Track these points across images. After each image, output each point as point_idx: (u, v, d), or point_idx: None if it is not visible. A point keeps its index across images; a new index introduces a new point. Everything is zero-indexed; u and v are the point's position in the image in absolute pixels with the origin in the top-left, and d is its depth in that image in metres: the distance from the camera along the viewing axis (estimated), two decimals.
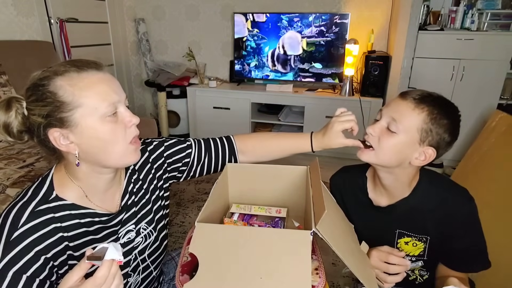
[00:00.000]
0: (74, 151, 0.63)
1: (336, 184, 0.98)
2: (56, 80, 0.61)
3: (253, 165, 0.96)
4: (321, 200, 0.68)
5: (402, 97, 0.77)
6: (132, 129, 0.67)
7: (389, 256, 0.72)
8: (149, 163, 0.85)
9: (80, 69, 0.62)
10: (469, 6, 2.57)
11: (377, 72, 2.70)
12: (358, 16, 2.90)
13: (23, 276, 0.59)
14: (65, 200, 0.66)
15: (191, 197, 2.28)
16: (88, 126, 0.62)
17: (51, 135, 0.62)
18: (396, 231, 0.87)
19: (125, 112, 0.66)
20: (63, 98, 0.60)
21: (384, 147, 0.77)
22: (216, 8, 3.24)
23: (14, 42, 2.18)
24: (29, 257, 0.60)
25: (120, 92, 0.66)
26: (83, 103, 0.61)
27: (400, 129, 0.74)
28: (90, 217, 0.69)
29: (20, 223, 0.60)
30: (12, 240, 0.59)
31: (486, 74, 2.54)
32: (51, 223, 0.63)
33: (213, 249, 0.65)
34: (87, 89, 0.61)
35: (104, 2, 3.07)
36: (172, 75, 3.17)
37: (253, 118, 3.11)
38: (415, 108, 0.74)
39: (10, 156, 1.67)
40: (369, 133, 0.79)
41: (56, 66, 0.63)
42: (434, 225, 0.82)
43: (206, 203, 0.75)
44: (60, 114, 0.60)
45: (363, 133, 0.86)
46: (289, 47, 2.97)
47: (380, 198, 0.89)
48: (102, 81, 0.63)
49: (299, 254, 0.62)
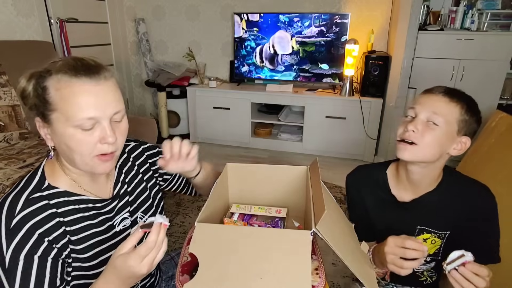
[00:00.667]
0: (49, 143, 0.68)
1: (354, 183, 0.98)
2: (50, 79, 0.62)
3: (253, 165, 0.96)
4: (321, 200, 0.68)
5: (432, 93, 0.80)
6: (104, 146, 0.65)
7: (406, 241, 0.71)
8: (144, 155, 0.89)
9: (75, 74, 0.61)
10: (469, 6, 2.57)
11: (377, 72, 2.70)
12: (358, 16, 2.90)
13: (35, 257, 0.61)
14: (57, 188, 0.68)
15: (191, 197, 2.28)
16: (59, 130, 0.63)
17: (36, 122, 0.66)
18: (417, 227, 0.88)
19: (104, 129, 0.64)
20: (48, 97, 0.62)
21: (428, 141, 0.78)
22: (216, 8, 3.24)
23: (14, 42, 2.18)
24: (34, 239, 0.62)
25: (106, 108, 0.63)
26: (60, 109, 0.62)
27: (441, 121, 0.77)
28: (85, 203, 0.71)
29: (17, 211, 0.62)
30: (12, 228, 0.61)
31: (486, 74, 2.54)
32: (47, 209, 0.65)
33: (213, 249, 0.65)
34: (68, 98, 0.61)
35: (104, 2, 3.07)
36: (172, 75, 3.17)
37: (253, 118, 3.11)
38: (451, 101, 0.78)
39: (10, 156, 1.67)
40: (411, 130, 0.79)
41: (62, 62, 0.64)
42: (457, 219, 0.84)
43: (206, 203, 0.75)
44: (42, 110, 0.63)
45: (363, 133, 0.86)
46: (279, 46, 2.99)
47: (404, 193, 0.90)
48: (87, 94, 0.62)
49: (299, 254, 0.62)
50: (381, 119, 2.79)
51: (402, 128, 0.82)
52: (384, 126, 2.80)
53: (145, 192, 0.87)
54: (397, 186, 0.91)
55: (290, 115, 3.15)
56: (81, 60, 0.65)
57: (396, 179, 0.91)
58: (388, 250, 0.73)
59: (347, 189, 0.99)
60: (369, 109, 2.75)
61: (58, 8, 2.52)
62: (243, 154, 3.08)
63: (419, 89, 2.63)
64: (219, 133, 3.24)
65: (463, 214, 0.83)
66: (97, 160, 0.66)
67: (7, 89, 1.88)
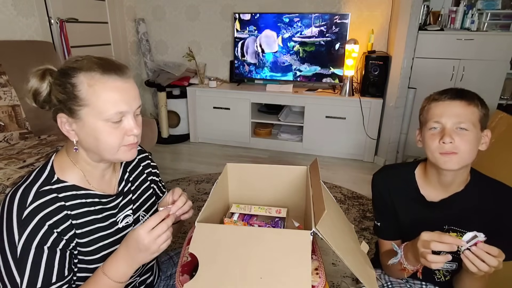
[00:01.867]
0: (73, 138, 0.69)
1: (382, 183, 0.98)
2: (80, 75, 0.66)
3: (253, 165, 0.96)
4: (321, 200, 0.69)
5: (447, 99, 0.83)
6: (130, 137, 0.71)
7: (443, 236, 0.73)
8: (148, 159, 0.94)
9: (104, 71, 0.67)
10: (469, 6, 2.57)
11: (377, 72, 2.70)
12: (358, 16, 2.90)
13: (44, 247, 0.64)
14: (66, 182, 0.71)
15: (191, 197, 2.28)
16: (90, 124, 0.67)
17: (59, 118, 0.68)
18: (445, 226, 0.90)
19: (130, 121, 0.70)
20: (79, 93, 0.65)
21: (465, 147, 0.80)
22: (216, 8, 3.25)
23: (14, 42, 2.18)
24: (44, 230, 0.64)
25: (132, 103, 0.70)
26: (92, 104, 0.66)
27: (469, 125, 0.80)
28: (91, 198, 0.74)
29: (28, 202, 0.64)
30: (24, 218, 0.63)
31: (486, 74, 2.54)
32: (56, 202, 0.67)
33: (213, 249, 0.65)
34: (100, 93, 0.66)
35: (104, 2, 3.07)
36: (172, 75, 3.17)
37: (253, 118, 3.11)
38: (469, 105, 0.81)
39: (10, 156, 1.67)
40: (449, 142, 0.80)
41: (87, 60, 0.68)
42: (483, 219, 0.86)
43: (206, 203, 0.75)
44: (71, 105, 0.66)
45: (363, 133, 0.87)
46: (266, 45, 3.01)
47: (433, 193, 0.92)
48: (117, 90, 0.67)
49: (299, 254, 0.62)
50: (381, 119, 2.79)
51: (436, 141, 0.82)
52: (384, 126, 2.80)
53: (148, 191, 0.90)
54: (426, 186, 0.93)
55: (290, 115, 3.15)
56: (106, 59, 0.70)
57: (425, 179, 0.93)
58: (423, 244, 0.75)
59: (374, 188, 1.00)
60: (369, 109, 2.75)
61: (58, 8, 2.52)
62: (243, 154, 3.08)
63: (419, 89, 2.63)
64: (219, 133, 3.24)
65: (489, 213, 0.86)
66: (124, 150, 0.71)
67: (7, 89, 1.88)
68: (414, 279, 0.99)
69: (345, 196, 2.32)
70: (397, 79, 2.58)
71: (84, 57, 0.69)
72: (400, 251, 0.84)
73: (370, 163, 2.88)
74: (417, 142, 0.92)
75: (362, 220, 2.02)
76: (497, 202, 0.85)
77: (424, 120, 0.87)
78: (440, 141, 0.81)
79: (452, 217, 0.89)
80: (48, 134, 2.02)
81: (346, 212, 2.12)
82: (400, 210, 0.96)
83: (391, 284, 0.97)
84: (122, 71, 0.69)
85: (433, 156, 0.83)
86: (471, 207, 0.87)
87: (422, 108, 0.89)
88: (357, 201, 2.25)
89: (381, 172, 1.00)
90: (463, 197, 0.88)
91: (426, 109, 0.87)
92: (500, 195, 0.86)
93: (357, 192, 2.37)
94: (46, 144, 1.86)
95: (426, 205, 0.92)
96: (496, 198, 0.86)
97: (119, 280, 0.67)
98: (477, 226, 0.87)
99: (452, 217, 0.89)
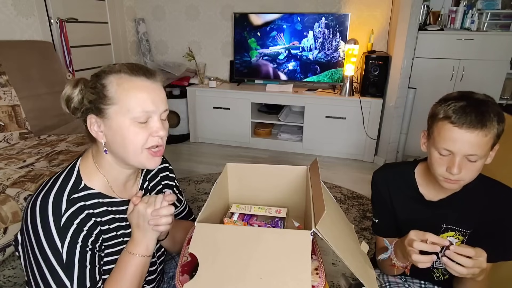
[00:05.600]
0: (101, 139, 0.71)
1: (383, 180, 0.99)
2: (110, 76, 0.69)
3: (253, 165, 0.96)
4: (321, 200, 0.69)
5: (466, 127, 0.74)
6: (155, 138, 0.72)
7: (427, 234, 0.73)
8: (168, 170, 0.98)
9: (132, 73, 0.70)
10: (469, 6, 2.57)
11: (377, 72, 2.70)
12: (358, 16, 2.90)
13: (87, 249, 0.69)
14: (93, 189, 0.73)
15: (191, 197, 2.28)
16: (117, 123, 0.69)
17: (88, 120, 0.71)
18: (443, 225, 0.90)
19: (156, 122, 0.71)
20: (108, 93, 0.68)
21: (471, 175, 0.79)
22: (216, 8, 3.25)
23: (14, 42, 2.18)
24: (83, 234, 0.69)
25: (160, 104, 0.72)
26: (120, 102, 0.68)
27: (481, 155, 0.76)
28: (116, 206, 0.77)
29: (63, 210, 0.67)
30: (63, 225, 0.66)
31: (486, 74, 2.54)
32: (85, 209, 0.71)
33: (213, 249, 0.65)
34: (128, 92, 0.68)
35: (104, 2, 3.07)
36: (172, 75, 3.17)
37: (253, 118, 3.11)
38: (487, 135, 0.74)
39: (10, 156, 1.67)
40: (456, 173, 0.77)
41: (118, 65, 0.72)
42: (481, 218, 0.86)
43: (206, 203, 0.75)
44: (100, 105, 0.69)
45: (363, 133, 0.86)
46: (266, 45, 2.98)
47: (432, 193, 0.91)
48: (145, 90, 0.70)
49: (299, 254, 0.62)
50: (381, 119, 2.79)
51: (443, 168, 0.80)
52: (384, 126, 2.80)
53: None
54: (425, 186, 0.93)
55: (290, 115, 3.15)
56: (137, 64, 0.73)
57: (425, 179, 0.93)
58: (408, 243, 0.75)
59: (373, 186, 1.00)
60: (369, 109, 2.75)
61: (58, 8, 2.52)
62: (243, 154, 3.08)
63: (419, 89, 2.63)
64: (219, 133, 3.24)
65: (487, 213, 0.86)
66: (147, 154, 0.72)
67: (7, 89, 1.88)
68: (413, 278, 1.00)
69: (345, 196, 2.32)
70: (397, 79, 2.58)
71: (118, 63, 0.73)
72: (390, 247, 0.85)
73: (370, 163, 2.88)
74: (422, 145, 0.89)
75: (362, 220, 2.02)
76: (496, 202, 0.85)
77: (433, 136, 0.81)
78: (447, 169, 0.79)
79: (450, 216, 0.90)
80: (48, 134, 2.02)
81: (346, 212, 2.12)
82: (399, 208, 0.96)
83: (390, 284, 0.97)
84: (150, 73, 0.72)
85: (436, 176, 0.83)
86: (470, 207, 0.88)
87: (434, 116, 0.81)
88: (357, 201, 2.25)
89: (381, 170, 1.01)
90: (462, 197, 0.88)
91: (439, 125, 0.78)
92: (499, 196, 0.86)
93: (357, 192, 2.37)
94: (46, 144, 1.86)
95: (424, 204, 0.92)
96: (495, 198, 0.86)
97: (145, 254, 0.74)
98: (475, 226, 0.88)
99: (450, 216, 0.90)
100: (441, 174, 0.81)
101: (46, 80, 2.12)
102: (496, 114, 0.75)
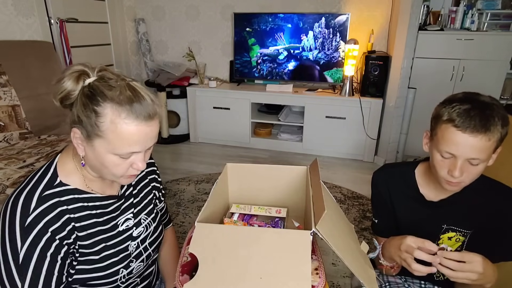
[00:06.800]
0: (81, 152, 0.69)
1: (383, 181, 0.98)
2: (107, 107, 0.63)
3: (253, 165, 0.96)
4: (321, 200, 0.69)
5: (470, 131, 0.73)
6: (135, 170, 0.71)
7: (426, 242, 0.73)
8: (155, 174, 0.94)
9: (132, 112, 0.63)
10: (469, 6, 2.57)
11: (377, 72, 2.70)
12: (358, 16, 2.90)
13: (47, 254, 0.65)
14: (68, 185, 0.71)
15: (191, 197, 2.28)
16: (99, 152, 0.66)
17: (72, 131, 0.67)
18: (443, 226, 0.90)
19: (139, 159, 0.69)
20: (99, 123, 0.63)
21: (472, 178, 0.79)
22: (216, 8, 3.24)
23: (14, 42, 2.18)
24: (46, 237, 0.65)
25: (149, 143, 0.68)
26: (108, 139, 0.64)
27: (483, 158, 0.75)
28: (93, 201, 0.74)
29: (31, 209, 0.65)
30: (27, 225, 0.64)
31: (486, 74, 2.54)
32: (58, 206, 0.68)
33: (213, 249, 0.65)
34: (119, 132, 0.63)
35: (104, 2, 3.07)
36: (172, 75, 3.17)
37: (253, 118, 3.11)
38: (490, 140, 0.73)
39: (10, 156, 1.67)
40: (457, 176, 0.77)
41: (120, 91, 0.64)
42: (482, 219, 0.86)
43: (206, 203, 0.75)
44: (88, 128, 0.64)
45: (363, 133, 0.86)
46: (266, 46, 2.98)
47: (432, 193, 0.91)
48: (138, 134, 0.65)
49: (299, 254, 0.62)
50: (381, 119, 2.79)
51: (444, 170, 0.80)
52: (384, 126, 2.80)
53: (149, 195, 0.90)
54: (425, 186, 0.93)
55: (290, 115, 3.15)
56: (139, 96, 0.65)
57: (425, 179, 0.93)
58: (406, 249, 0.75)
59: (373, 186, 1.00)
60: (369, 109, 2.75)
61: (58, 8, 2.52)
62: (243, 154, 3.08)
63: (419, 89, 2.63)
64: (219, 133, 3.24)
65: (487, 213, 0.85)
66: (124, 178, 0.72)
67: (7, 89, 1.88)
68: (413, 278, 1.00)
69: (345, 196, 2.32)
70: (397, 79, 2.58)
71: (119, 83, 0.65)
72: (378, 248, 0.85)
73: (370, 163, 2.88)
74: (424, 146, 0.88)
75: (362, 220, 2.02)
76: (497, 202, 0.85)
77: (436, 137, 0.79)
78: (448, 172, 0.78)
79: (451, 217, 0.90)
80: (48, 134, 2.02)
81: (346, 212, 2.12)
82: (399, 209, 0.96)
83: (389, 284, 0.97)
84: (151, 116, 0.66)
85: (437, 177, 0.82)
86: (469, 207, 0.87)
87: (438, 118, 0.79)
88: (357, 201, 2.25)
89: (381, 170, 1.01)
90: (463, 198, 0.87)
91: (443, 127, 0.77)
92: (500, 196, 0.86)
93: (357, 192, 2.37)
94: (46, 144, 1.86)
95: (425, 205, 0.92)
96: (496, 198, 0.86)
97: None
98: (476, 227, 0.88)
99: (451, 217, 0.90)
100: (443, 176, 0.81)
101: (46, 80, 2.11)
102: (501, 118, 0.73)
